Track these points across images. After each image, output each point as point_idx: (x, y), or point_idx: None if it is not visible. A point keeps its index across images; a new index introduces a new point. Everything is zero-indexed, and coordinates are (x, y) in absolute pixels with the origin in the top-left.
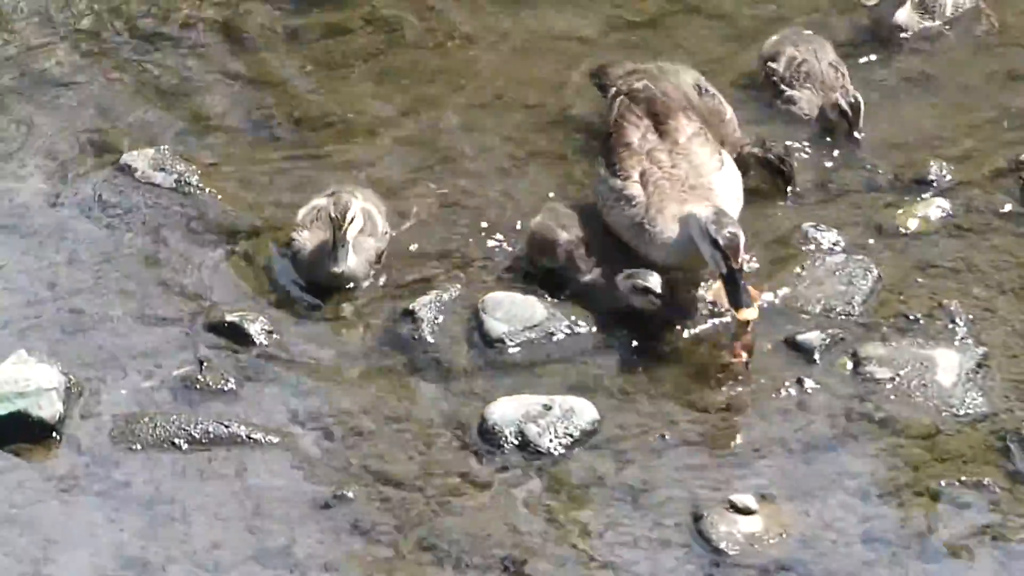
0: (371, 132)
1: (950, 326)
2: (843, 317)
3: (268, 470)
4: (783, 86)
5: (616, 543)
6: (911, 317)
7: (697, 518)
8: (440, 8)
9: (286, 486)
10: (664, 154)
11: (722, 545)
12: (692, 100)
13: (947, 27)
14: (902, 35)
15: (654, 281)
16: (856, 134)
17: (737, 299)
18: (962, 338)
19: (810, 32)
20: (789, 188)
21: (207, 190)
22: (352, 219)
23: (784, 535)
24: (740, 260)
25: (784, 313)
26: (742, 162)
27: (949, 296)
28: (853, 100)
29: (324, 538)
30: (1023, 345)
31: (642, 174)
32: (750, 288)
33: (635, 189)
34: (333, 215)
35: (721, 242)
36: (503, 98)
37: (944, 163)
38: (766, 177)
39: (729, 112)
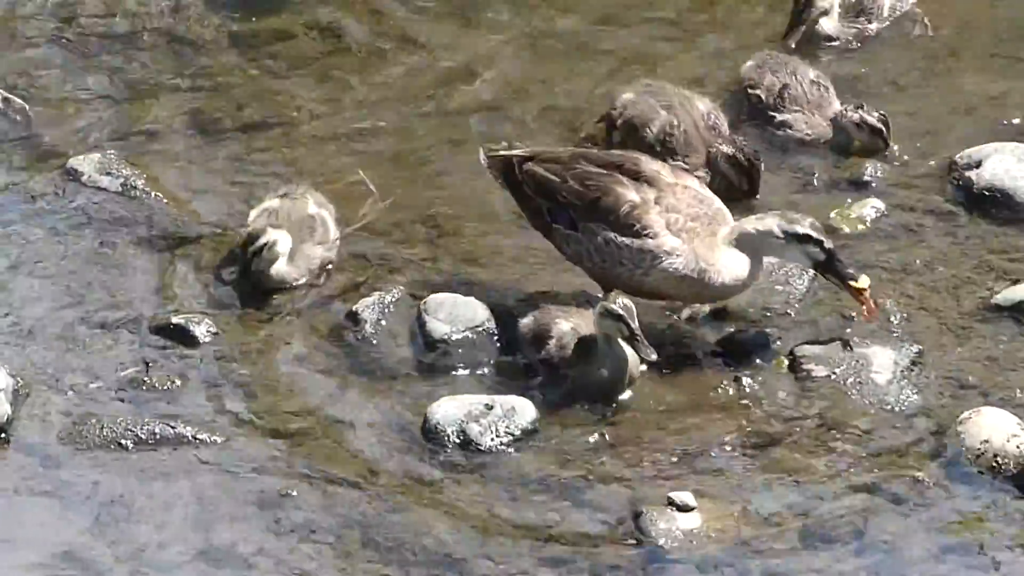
0: (315, 136)
1: (885, 324)
2: (780, 317)
3: (214, 470)
4: (771, 112)
5: (557, 540)
6: (847, 316)
7: (637, 515)
8: (383, 13)
9: (232, 485)
10: (672, 199)
11: (661, 541)
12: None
13: (881, 30)
14: (831, 43)
15: (626, 309)
16: (888, 147)
17: (846, 273)
18: (897, 336)
19: (782, 54)
20: (754, 189)
21: (153, 194)
22: (261, 247)
23: (722, 531)
24: (830, 240)
25: (722, 313)
26: (711, 161)
27: (884, 295)
28: (881, 116)
29: (269, 536)
30: (956, 342)
31: (668, 226)
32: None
33: (673, 242)
34: (243, 238)
35: (812, 233)
36: (445, 102)
37: (879, 164)
38: (733, 176)
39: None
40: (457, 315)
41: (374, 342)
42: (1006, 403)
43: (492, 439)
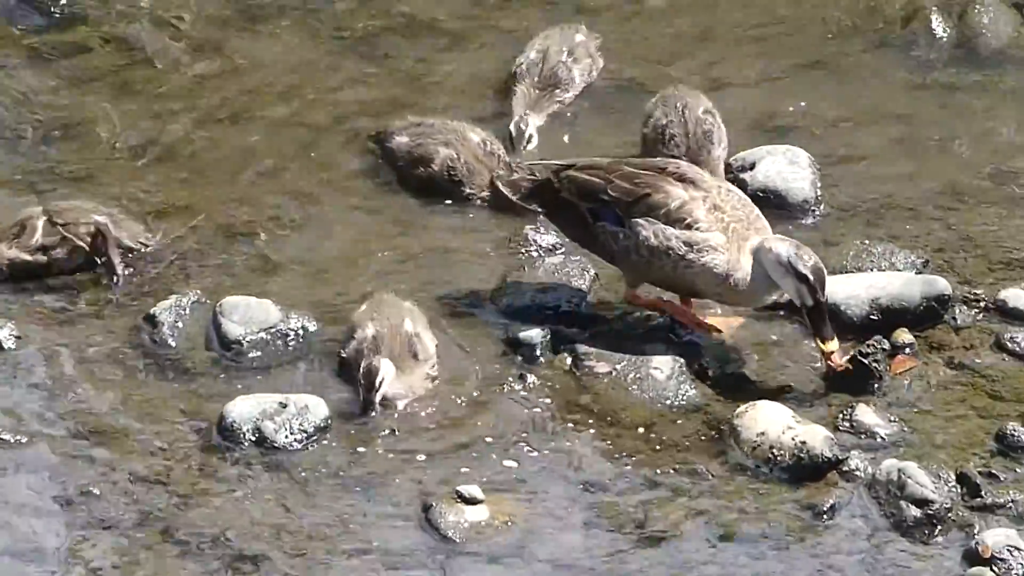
0: (112, 146)
1: (663, 322)
2: (564, 315)
3: (17, 468)
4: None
5: (350, 533)
6: (626, 314)
7: (426, 508)
8: (175, 26)
9: (35, 483)
10: (717, 198)
11: (450, 533)
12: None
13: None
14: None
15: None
16: None
17: (823, 331)
18: (674, 331)
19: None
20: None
21: None
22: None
23: (509, 523)
24: (825, 293)
25: (506, 311)
26: (492, 183)
27: (662, 293)
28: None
29: (72, 533)
30: (734, 340)
31: (715, 223)
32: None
33: (719, 238)
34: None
35: (811, 277)
36: (239, 110)
37: None
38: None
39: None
40: (251, 317)
41: (171, 344)
42: (781, 397)
43: (286, 436)
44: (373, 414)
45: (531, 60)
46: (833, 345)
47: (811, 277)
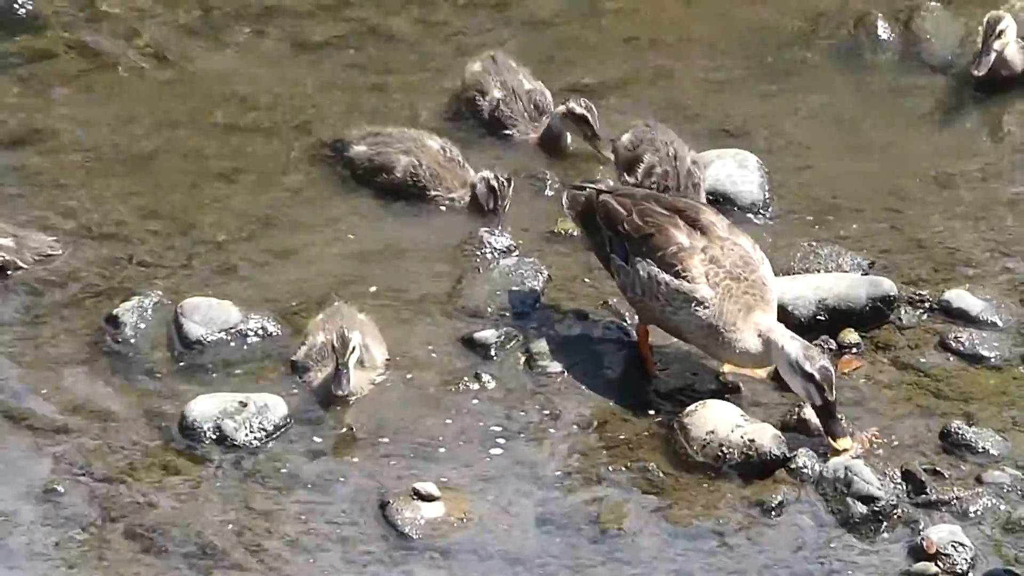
0: (75, 149)
1: (616, 322)
2: (518, 316)
3: None
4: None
5: (308, 530)
6: (580, 314)
7: (383, 505)
8: (139, 33)
9: None
10: (718, 251)
11: (407, 530)
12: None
13: None
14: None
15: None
16: (597, 135)
17: (834, 430)
18: (626, 333)
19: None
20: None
21: None
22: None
23: (465, 520)
24: (835, 392)
25: (462, 312)
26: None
27: (612, 294)
28: (586, 104)
29: (36, 530)
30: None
31: (706, 275)
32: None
33: (706, 291)
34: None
35: (817, 376)
36: (200, 115)
37: (603, 172)
38: (485, 198)
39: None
40: (212, 317)
41: (134, 343)
42: (730, 395)
43: (246, 435)
44: (346, 383)
45: (500, 98)
46: (845, 443)
47: (819, 378)
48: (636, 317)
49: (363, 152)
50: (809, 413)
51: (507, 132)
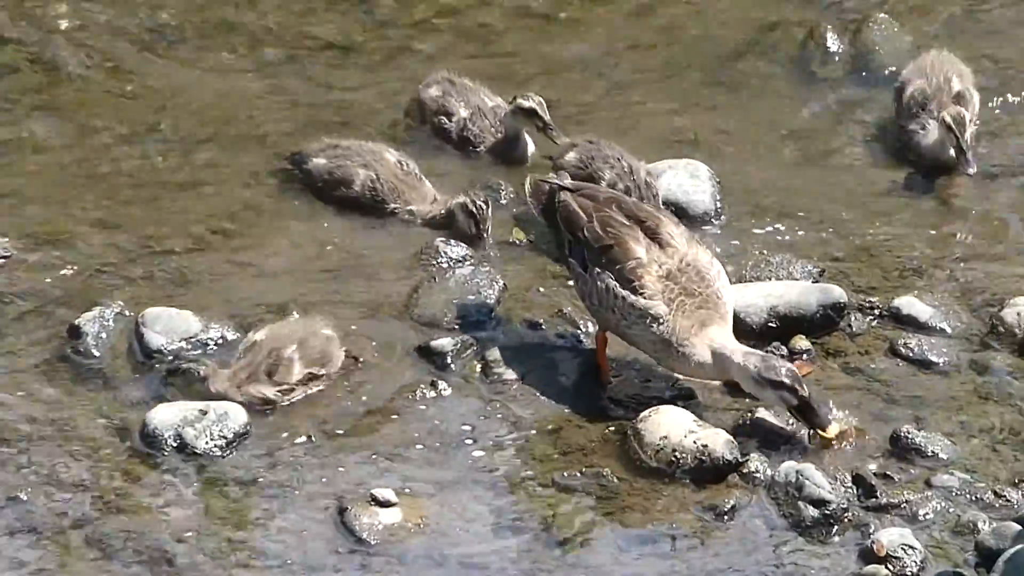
0: (36, 162)
1: (571, 330)
2: (474, 325)
3: None
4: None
5: (268, 536)
6: (534, 323)
7: (342, 511)
8: (96, 48)
9: None
10: (675, 267)
11: (364, 535)
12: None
13: None
14: None
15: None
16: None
17: (818, 421)
18: (580, 341)
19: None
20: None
21: None
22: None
23: (422, 526)
24: (806, 387)
25: (418, 321)
26: (449, 212)
27: (567, 303)
28: (538, 100)
29: None
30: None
31: (662, 292)
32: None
33: (661, 308)
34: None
35: (787, 381)
36: (155, 128)
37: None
38: (463, 222)
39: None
40: (172, 327)
41: (96, 353)
42: (684, 401)
43: (206, 442)
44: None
45: (467, 117)
46: (834, 429)
47: (788, 382)
48: (593, 325)
49: (322, 165)
50: (763, 414)
51: (477, 150)
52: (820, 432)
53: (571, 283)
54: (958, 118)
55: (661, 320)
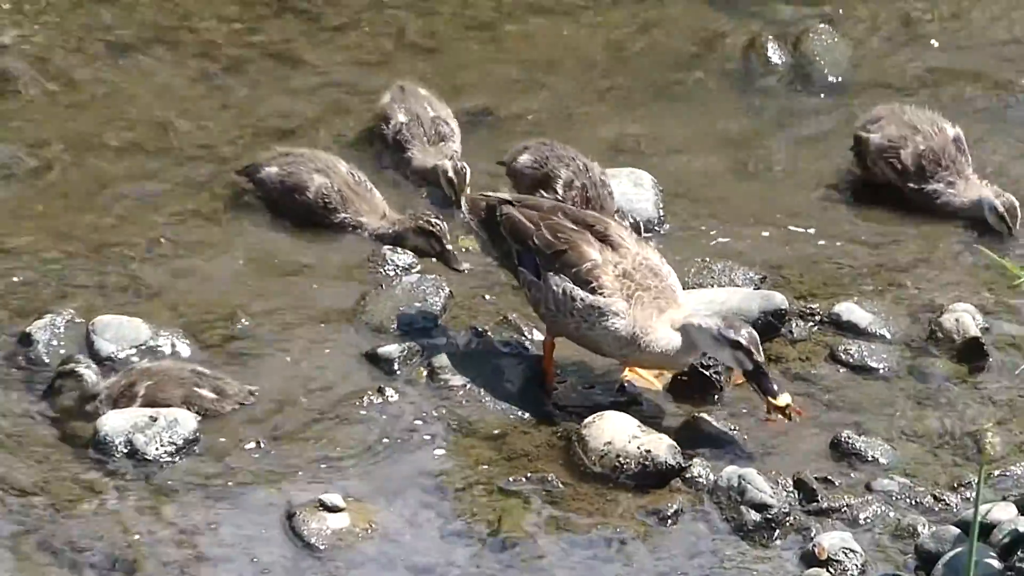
0: None
1: (516, 337)
2: (420, 331)
3: None
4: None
5: (217, 541)
6: (480, 330)
7: (290, 516)
8: (52, 59)
9: None
10: (629, 266)
11: (312, 540)
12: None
13: None
14: None
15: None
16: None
17: (769, 389)
18: (526, 347)
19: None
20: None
21: None
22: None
23: (370, 530)
24: (762, 353)
25: (365, 328)
26: (400, 236)
27: (512, 310)
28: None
29: None
30: (580, 354)
31: (620, 289)
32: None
33: (621, 304)
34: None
35: (743, 342)
36: (106, 139)
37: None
38: (423, 243)
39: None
40: (123, 335)
41: (47, 361)
42: (627, 407)
43: (157, 448)
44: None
45: (403, 122)
46: (785, 398)
47: (745, 343)
48: (541, 331)
49: (274, 173)
50: (704, 422)
51: (406, 155)
52: (771, 400)
53: (519, 290)
54: (1012, 209)
55: (622, 315)
